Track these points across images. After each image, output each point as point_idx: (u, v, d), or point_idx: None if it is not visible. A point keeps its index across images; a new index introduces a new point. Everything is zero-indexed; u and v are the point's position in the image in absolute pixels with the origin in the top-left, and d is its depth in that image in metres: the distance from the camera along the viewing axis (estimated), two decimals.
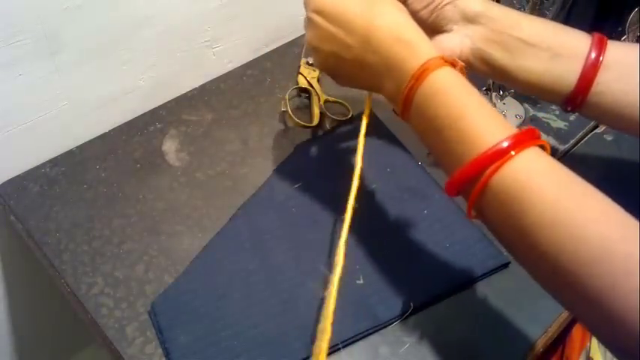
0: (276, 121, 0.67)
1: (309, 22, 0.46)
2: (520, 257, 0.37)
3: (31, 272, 0.73)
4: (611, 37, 0.47)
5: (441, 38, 0.49)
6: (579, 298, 0.32)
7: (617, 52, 0.45)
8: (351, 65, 0.45)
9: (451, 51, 0.49)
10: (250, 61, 0.76)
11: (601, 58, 0.45)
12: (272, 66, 0.75)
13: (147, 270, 0.53)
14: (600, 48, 0.45)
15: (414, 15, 0.48)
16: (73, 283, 0.52)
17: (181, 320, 0.48)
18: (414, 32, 0.42)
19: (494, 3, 0.49)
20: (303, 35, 0.78)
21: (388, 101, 0.44)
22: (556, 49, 0.46)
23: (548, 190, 0.34)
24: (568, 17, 0.71)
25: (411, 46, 0.41)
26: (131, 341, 0.48)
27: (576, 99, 0.46)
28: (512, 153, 0.35)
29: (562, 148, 0.63)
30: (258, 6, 0.73)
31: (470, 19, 0.48)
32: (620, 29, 0.69)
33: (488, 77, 0.54)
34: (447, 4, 0.48)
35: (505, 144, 0.36)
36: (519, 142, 0.36)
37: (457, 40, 0.48)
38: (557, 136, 0.64)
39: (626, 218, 0.33)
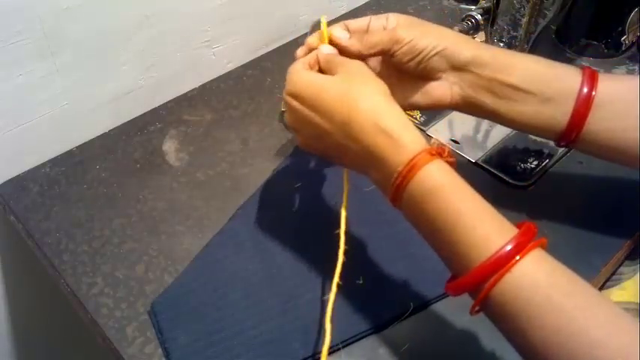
0: (276, 121, 0.67)
1: (286, 105, 0.45)
2: (522, 353, 0.37)
3: (31, 272, 0.73)
4: (611, 37, 0.46)
5: (430, 86, 0.48)
6: None
7: (609, 87, 0.45)
8: (334, 149, 0.43)
9: (442, 98, 0.49)
10: (250, 61, 0.76)
11: (593, 93, 0.44)
12: (272, 66, 0.75)
13: (147, 270, 0.53)
14: (591, 84, 0.45)
15: (401, 66, 0.48)
16: (73, 283, 0.52)
17: (181, 320, 0.48)
18: (395, 119, 0.40)
19: (485, 47, 0.48)
20: (303, 35, 0.79)
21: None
22: (547, 92, 0.46)
23: (555, 298, 0.34)
24: (568, 17, 0.71)
25: (393, 138, 0.39)
26: (131, 341, 0.48)
27: (569, 137, 0.46)
28: (517, 258, 0.34)
29: (562, 148, 0.63)
30: (257, 6, 0.73)
31: (458, 68, 0.47)
32: (620, 29, 0.69)
33: (477, 117, 0.55)
34: (434, 55, 0.47)
35: (508, 248, 0.34)
36: (522, 245, 0.35)
37: (446, 88, 0.48)
38: None
39: (633, 324, 0.33)
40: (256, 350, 0.46)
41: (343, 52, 0.47)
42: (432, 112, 0.67)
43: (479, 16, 0.62)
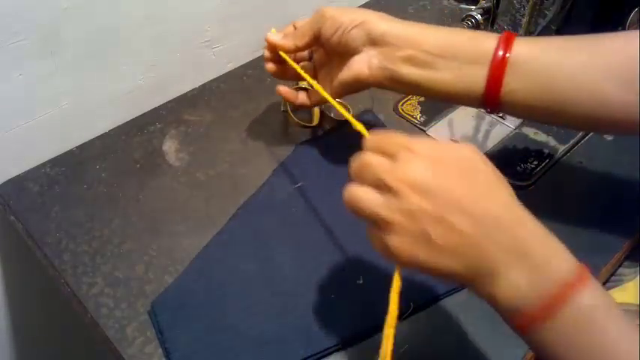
0: (276, 121, 0.67)
1: (386, 191, 0.35)
2: None
3: (31, 272, 0.73)
4: None
5: (352, 60, 0.51)
6: None
7: (524, 48, 0.45)
8: (445, 250, 0.34)
9: (361, 71, 0.51)
10: (250, 61, 0.76)
11: (508, 55, 0.45)
12: None
13: (147, 270, 0.53)
14: (506, 47, 0.45)
15: (327, 43, 0.51)
16: (73, 283, 0.52)
17: (181, 320, 0.48)
18: (543, 233, 0.35)
19: (403, 21, 0.50)
20: None
21: (492, 298, 0.35)
22: (463, 57, 0.47)
23: None
24: (568, 17, 0.71)
25: (554, 244, 0.34)
26: (131, 341, 0.48)
27: (490, 101, 0.47)
28: None
29: (562, 148, 0.63)
30: (258, 6, 0.73)
31: (376, 41, 0.49)
32: (620, 29, 0.69)
33: (403, 93, 0.56)
34: (354, 27, 0.49)
35: None
36: None
37: (366, 61, 0.50)
38: (557, 136, 0.64)
39: None
40: (256, 350, 0.46)
41: (280, 49, 0.54)
42: (432, 112, 0.67)
43: (479, 16, 0.62)
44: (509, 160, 0.61)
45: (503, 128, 0.65)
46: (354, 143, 0.63)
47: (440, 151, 0.35)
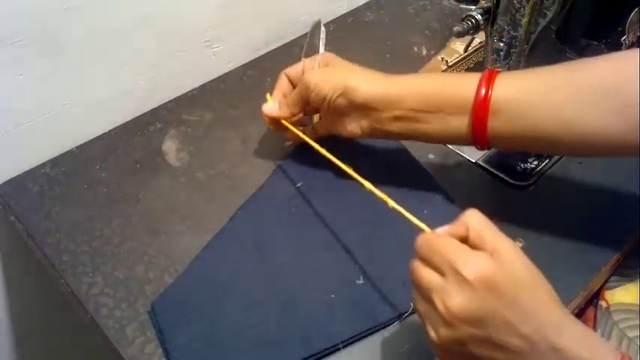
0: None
1: (437, 311, 0.36)
2: None
3: (31, 272, 0.73)
4: (610, 37, 0.46)
5: (345, 121, 0.53)
6: None
7: (505, 87, 0.46)
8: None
9: (354, 131, 0.53)
10: (250, 61, 0.76)
11: (490, 93, 0.46)
12: (272, 66, 0.75)
13: (147, 270, 0.53)
14: (488, 85, 0.46)
15: (319, 108, 0.54)
16: (73, 283, 0.52)
17: (181, 320, 0.48)
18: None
19: (381, 80, 0.51)
20: (303, 35, 0.78)
21: None
22: (446, 108, 0.48)
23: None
24: (568, 17, 0.71)
25: (596, 342, 0.36)
26: (131, 341, 0.48)
27: (480, 142, 0.48)
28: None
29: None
30: (258, 6, 0.73)
31: (360, 107, 0.51)
32: (620, 29, 0.69)
33: (399, 140, 0.60)
34: (338, 96, 0.51)
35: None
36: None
37: (355, 122, 0.53)
38: None
39: None
40: (256, 350, 0.46)
41: (279, 120, 0.57)
42: None
43: (479, 16, 0.62)
44: (509, 160, 0.61)
45: None
46: (354, 143, 0.63)
47: (490, 273, 0.35)
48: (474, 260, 0.35)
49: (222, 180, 0.61)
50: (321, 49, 0.75)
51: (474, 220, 0.38)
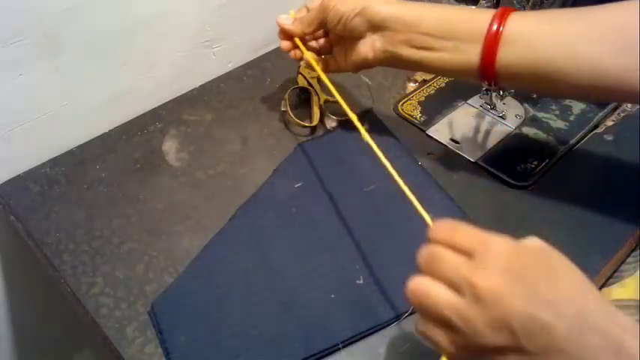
0: (276, 121, 0.67)
1: (464, 293, 0.32)
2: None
3: (31, 272, 0.73)
4: None
5: (357, 44, 0.54)
6: None
7: (519, 22, 0.47)
8: (535, 355, 0.31)
9: (366, 54, 0.54)
10: (250, 61, 0.76)
11: (501, 29, 0.47)
12: (272, 66, 0.75)
13: (147, 270, 0.53)
14: (500, 21, 0.47)
15: (333, 31, 0.54)
16: (73, 283, 0.52)
17: (181, 320, 0.48)
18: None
19: (401, 3, 0.52)
20: None
21: None
22: (459, 36, 0.49)
23: None
24: None
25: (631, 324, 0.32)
26: (131, 341, 0.48)
27: (486, 74, 0.49)
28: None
29: (562, 148, 0.63)
30: (258, 6, 0.73)
31: (376, 26, 0.52)
32: None
33: (407, 70, 0.60)
34: (355, 15, 0.52)
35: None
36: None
37: (368, 45, 0.54)
38: (557, 136, 0.64)
39: None
40: (256, 350, 0.46)
41: (289, 34, 0.57)
42: (432, 112, 0.67)
43: None
44: (509, 160, 0.61)
45: (503, 128, 0.65)
46: (353, 143, 0.63)
47: (517, 248, 0.33)
48: (501, 238, 0.33)
49: (222, 180, 0.61)
50: None
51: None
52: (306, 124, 0.65)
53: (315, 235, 0.55)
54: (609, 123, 0.66)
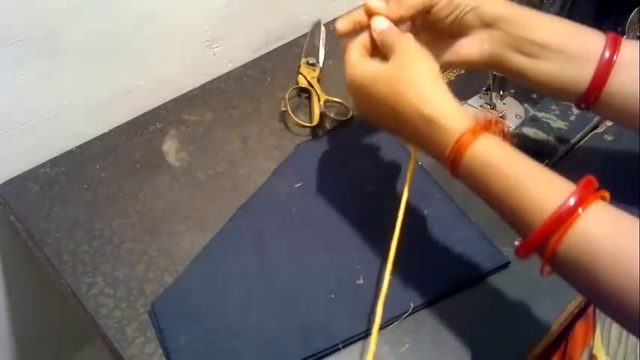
0: (276, 121, 0.67)
1: (349, 92, 0.48)
2: (599, 304, 0.38)
3: (31, 272, 0.73)
4: None
5: (460, 43, 0.50)
6: None
7: (630, 52, 0.46)
8: (397, 130, 0.46)
9: (470, 55, 0.50)
10: (250, 61, 0.76)
11: (615, 57, 0.45)
12: (272, 66, 0.75)
13: (147, 270, 0.53)
14: (614, 48, 0.46)
15: (438, 22, 0.50)
16: (73, 283, 0.52)
17: (181, 320, 0.48)
18: (437, 106, 0.42)
19: (515, 6, 0.49)
20: (303, 35, 0.79)
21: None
22: (571, 51, 0.47)
23: (622, 243, 0.34)
24: (568, 17, 0.71)
25: (437, 124, 0.41)
26: (131, 341, 0.48)
27: (590, 98, 0.47)
28: (580, 211, 0.35)
29: (562, 148, 0.63)
30: (258, 6, 0.73)
31: (488, 24, 0.49)
32: (620, 29, 0.69)
33: (506, 77, 0.56)
34: (469, 12, 0.49)
35: (570, 203, 0.35)
36: (583, 199, 0.35)
37: (476, 45, 0.50)
38: (557, 136, 0.64)
39: None
40: (256, 350, 0.46)
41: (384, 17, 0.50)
42: None
43: None
44: None
45: None
46: (353, 143, 0.63)
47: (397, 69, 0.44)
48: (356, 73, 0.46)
49: (222, 180, 0.61)
50: (321, 49, 0.75)
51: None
52: (306, 124, 0.65)
53: (315, 235, 0.55)
54: (609, 123, 0.66)
